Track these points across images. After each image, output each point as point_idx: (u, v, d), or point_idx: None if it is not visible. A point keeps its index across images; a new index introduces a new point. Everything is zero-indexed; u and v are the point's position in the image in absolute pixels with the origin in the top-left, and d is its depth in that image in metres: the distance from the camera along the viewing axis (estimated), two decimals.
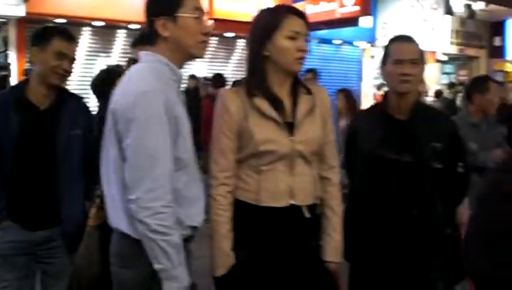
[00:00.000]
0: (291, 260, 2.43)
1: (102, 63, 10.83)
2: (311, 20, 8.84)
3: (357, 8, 11.11)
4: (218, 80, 8.58)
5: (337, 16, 11.42)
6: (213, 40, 12.27)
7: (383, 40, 14.23)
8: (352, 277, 3.02)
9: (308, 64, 12.10)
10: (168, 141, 2.10)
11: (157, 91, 2.09)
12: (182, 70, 2.30)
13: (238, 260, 2.42)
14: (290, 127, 2.41)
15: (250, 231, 2.43)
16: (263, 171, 2.40)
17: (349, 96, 7.10)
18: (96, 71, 4.20)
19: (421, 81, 3.81)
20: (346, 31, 12.85)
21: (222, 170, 2.43)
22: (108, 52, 11.54)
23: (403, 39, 2.87)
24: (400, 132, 2.78)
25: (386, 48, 2.87)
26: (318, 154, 2.51)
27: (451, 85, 15.76)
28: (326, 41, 13.72)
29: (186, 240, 2.23)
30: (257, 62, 2.44)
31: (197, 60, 2.43)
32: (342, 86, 14.08)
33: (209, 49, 13.28)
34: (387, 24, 14.27)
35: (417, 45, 2.83)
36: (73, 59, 2.90)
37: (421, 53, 2.82)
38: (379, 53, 14.15)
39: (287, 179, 2.41)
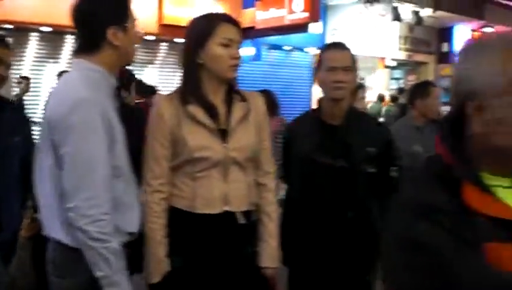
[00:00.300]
0: (226, 266, 2.45)
1: (50, 68, 10.70)
2: (260, 26, 8.84)
3: (306, 14, 11.17)
4: (138, 87, 8.50)
5: (287, 22, 11.45)
6: (163, 46, 12.23)
7: None
8: (291, 282, 3.06)
9: (259, 70, 12.09)
10: (105, 148, 2.11)
11: (93, 99, 2.10)
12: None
13: (173, 267, 2.43)
14: (224, 134, 2.43)
15: (185, 237, 2.44)
16: (198, 178, 2.42)
17: (270, 98, 7.13)
18: (44, 77, 4.17)
19: (362, 88, 3.89)
20: (297, 37, 12.93)
21: (156, 177, 2.43)
22: (57, 58, 11.36)
23: (336, 47, 2.93)
24: (333, 137, 2.83)
25: (320, 55, 2.92)
26: (253, 161, 2.53)
27: (400, 90, 16.02)
28: (277, 47, 13.78)
29: (125, 246, 2.24)
30: (191, 69, 2.45)
31: (149, 66, 2.49)
32: (292, 92, 14.12)
33: (160, 55, 13.38)
34: (337, 30, 14.41)
35: (350, 52, 2.90)
36: (9, 65, 2.88)
37: (354, 60, 2.89)
38: None
39: (222, 186, 2.43)
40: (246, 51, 13.05)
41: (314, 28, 11.87)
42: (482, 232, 1.28)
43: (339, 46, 2.94)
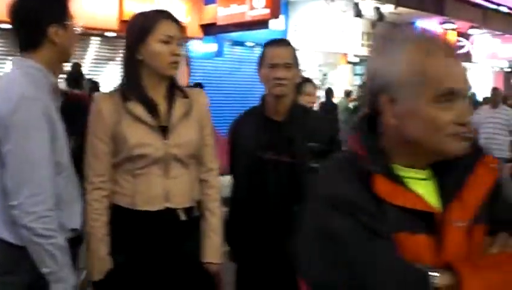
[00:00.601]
0: (168, 262, 2.46)
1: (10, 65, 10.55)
2: (222, 22, 8.86)
3: (267, 11, 11.22)
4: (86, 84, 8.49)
5: (248, 18, 11.50)
6: (124, 43, 12.11)
7: (294, 42, 14.44)
8: (238, 278, 3.08)
9: (222, 66, 12.08)
10: (48, 146, 2.13)
11: (35, 97, 2.12)
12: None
13: (116, 264, 2.43)
14: (165, 130, 2.44)
15: (127, 235, 2.44)
16: (138, 175, 2.42)
17: None
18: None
19: (308, 83, 3.93)
20: (259, 33, 12.95)
21: (97, 175, 2.42)
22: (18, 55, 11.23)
23: (277, 43, 2.95)
24: (277, 133, 2.85)
25: (262, 51, 2.94)
26: (195, 158, 2.54)
27: (362, 86, 16.15)
28: (239, 43, 13.82)
29: (68, 242, 2.24)
30: (131, 66, 2.45)
31: (110, 62, 2.52)
32: (255, 88, 14.20)
33: (121, 51, 13.14)
34: (299, 26, 14.50)
35: (292, 48, 2.92)
36: None
37: (296, 57, 2.91)
38: None
39: (162, 183, 2.43)
40: (209, 47, 13.07)
41: (276, 24, 11.92)
42: (392, 222, 1.32)
43: (280, 42, 2.96)
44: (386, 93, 1.36)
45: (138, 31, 2.43)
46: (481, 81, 21.66)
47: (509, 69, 23.11)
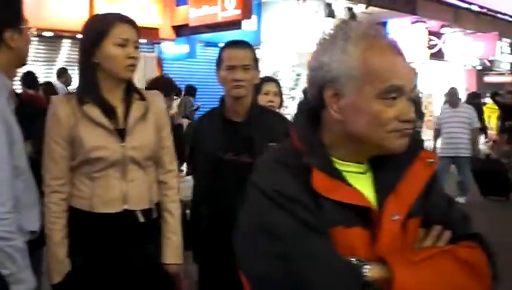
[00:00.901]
0: (128, 264, 2.47)
1: None
2: (194, 24, 8.82)
3: (239, 11, 11.24)
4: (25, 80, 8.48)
5: (220, 19, 11.51)
6: None
7: (267, 42, 14.48)
8: (201, 279, 3.10)
9: (195, 67, 12.02)
10: (6, 149, 2.12)
11: None
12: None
13: (74, 267, 2.44)
14: (122, 133, 2.45)
15: (86, 237, 2.45)
16: (96, 178, 2.43)
17: None
18: None
19: (269, 83, 3.95)
20: (232, 34, 12.92)
21: (55, 178, 2.43)
22: None
23: (235, 45, 2.97)
24: (237, 134, 2.88)
25: (219, 53, 2.96)
26: (153, 159, 2.56)
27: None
28: (212, 44, 13.79)
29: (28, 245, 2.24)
30: (88, 69, 2.46)
31: None
32: None
33: None
34: (271, 27, 14.53)
35: (251, 50, 2.94)
36: None
37: (255, 58, 2.93)
38: (265, 55, 14.41)
39: (120, 185, 2.45)
40: (181, 48, 13.05)
41: (248, 24, 11.96)
42: (329, 217, 1.35)
43: (238, 44, 2.98)
44: (331, 87, 1.38)
45: (94, 34, 2.44)
46: (453, 80, 21.89)
47: (481, 67, 23.36)
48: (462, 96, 17.45)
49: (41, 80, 9.53)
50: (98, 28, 2.44)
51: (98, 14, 2.53)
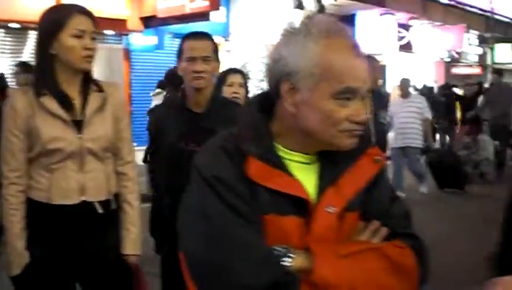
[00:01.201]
0: (87, 255, 2.48)
1: None
2: (162, 15, 8.76)
3: (207, 3, 11.17)
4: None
5: (188, 11, 11.42)
6: None
7: (237, 34, 14.46)
8: (163, 269, 3.11)
9: (164, 59, 11.92)
10: None
11: None
12: None
13: (33, 259, 2.44)
14: (79, 124, 2.44)
15: (44, 229, 2.45)
16: (53, 169, 2.43)
17: None
18: None
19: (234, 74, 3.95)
20: (201, 26, 12.85)
21: (12, 170, 2.42)
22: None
23: (195, 36, 2.97)
24: (198, 124, 2.88)
25: (180, 44, 2.96)
26: (111, 151, 2.56)
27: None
28: (180, 36, 13.67)
29: None
30: (44, 61, 2.44)
31: None
32: None
33: None
34: (240, 18, 14.51)
35: (211, 41, 2.95)
36: None
37: (215, 49, 2.94)
38: (234, 47, 14.40)
39: (78, 177, 2.45)
40: (149, 40, 12.96)
41: (217, 16, 11.91)
42: (263, 204, 1.38)
43: (198, 35, 2.99)
44: (287, 81, 1.40)
45: (50, 25, 2.42)
46: (422, 72, 22.12)
47: (449, 59, 23.63)
48: (432, 87, 17.68)
49: (7, 72, 9.40)
50: (55, 19, 2.42)
51: (56, 5, 2.51)
